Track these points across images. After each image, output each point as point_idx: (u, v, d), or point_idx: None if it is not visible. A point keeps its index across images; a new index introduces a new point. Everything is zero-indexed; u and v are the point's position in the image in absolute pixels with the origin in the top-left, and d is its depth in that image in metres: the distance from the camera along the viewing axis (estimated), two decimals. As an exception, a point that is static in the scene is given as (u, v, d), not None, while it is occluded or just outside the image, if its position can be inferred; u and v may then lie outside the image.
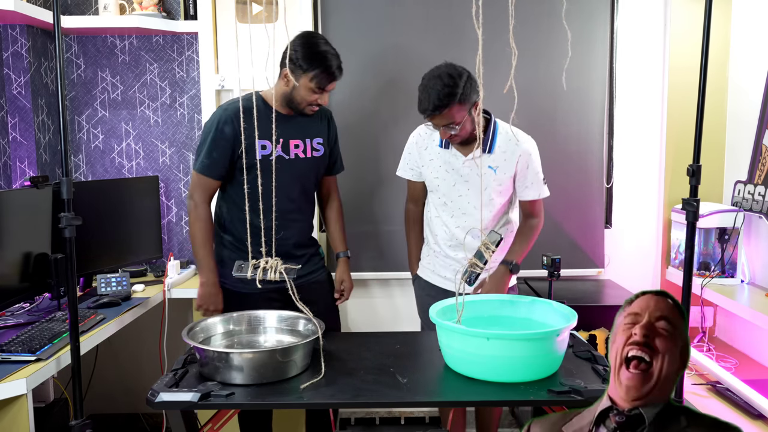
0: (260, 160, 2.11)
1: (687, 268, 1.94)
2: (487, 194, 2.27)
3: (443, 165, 2.30)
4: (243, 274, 1.82)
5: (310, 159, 2.29)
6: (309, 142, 2.29)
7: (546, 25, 2.80)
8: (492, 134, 2.26)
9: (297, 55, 2.13)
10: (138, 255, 2.89)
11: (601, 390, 1.62)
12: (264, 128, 2.11)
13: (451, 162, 2.29)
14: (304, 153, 2.28)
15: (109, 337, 2.33)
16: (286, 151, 2.25)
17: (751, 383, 2.30)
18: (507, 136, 2.26)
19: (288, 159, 2.25)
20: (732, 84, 2.89)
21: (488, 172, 2.25)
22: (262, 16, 2.88)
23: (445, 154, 2.30)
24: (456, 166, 2.28)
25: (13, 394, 1.75)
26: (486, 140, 2.25)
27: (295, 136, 2.26)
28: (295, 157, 2.26)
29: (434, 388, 1.73)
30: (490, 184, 2.25)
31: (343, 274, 2.45)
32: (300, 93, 2.17)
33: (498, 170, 2.26)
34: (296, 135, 2.26)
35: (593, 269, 3.04)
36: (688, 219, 1.92)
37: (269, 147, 2.18)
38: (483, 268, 1.87)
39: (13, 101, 2.73)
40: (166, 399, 1.60)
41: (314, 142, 2.31)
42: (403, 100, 2.92)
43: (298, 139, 2.27)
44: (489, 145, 2.25)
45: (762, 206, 2.53)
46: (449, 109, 2.08)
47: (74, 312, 1.82)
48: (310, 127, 2.30)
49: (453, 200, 2.31)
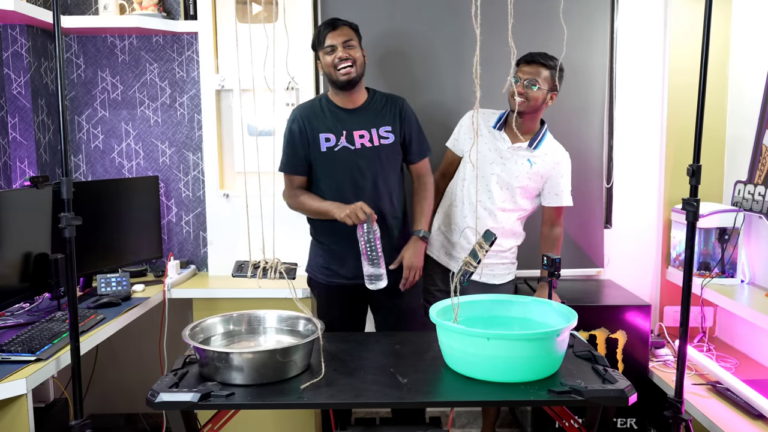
0: (324, 152, 2.31)
1: (687, 268, 1.94)
2: (518, 181, 2.47)
3: (489, 143, 2.50)
4: (243, 274, 1.82)
5: (378, 147, 2.34)
6: (375, 131, 2.35)
7: (546, 24, 2.80)
8: (541, 135, 2.49)
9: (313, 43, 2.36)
10: (138, 255, 2.89)
11: (601, 390, 1.62)
12: (327, 122, 2.33)
13: (497, 143, 2.49)
14: (370, 142, 2.34)
15: (109, 337, 2.33)
16: (351, 141, 2.32)
17: (751, 383, 2.30)
18: (553, 143, 2.52)
19: (354, 149, 2.32)
20: (732, 84, 2.89)
21: (525, 164, 2.47)
22: (262, 16, 2.88)
23: (495, 135, 2.50)
24: (500, 148, 2.48)
25: (13, 394, 1.75)
26: (535, 137, 2.48)
27: (359, 127, 2.34)
28: (361, 147, 2.33)
29: (434, 388, 1.73)
30: (522, 172, 2.46)
31: (407, 251, 2.34)
32: (324, 65, 2.31)
33: (534, 166, 2.47)
34: (361, 126, 2.34)
35: (593, 269, 3.04)
36: (688, 219, 1.92)
37: (333, 139, 2.31)
38: (477, 266, 1.87)
39: (13, 101, 2.73)
40: (166, 399, 1.60)
41: (381, 130, 2.36)
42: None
43: (363, 129, 2.34)
44: (536, 142, 2.47)
45: (762, 206, 2.53)
46: (543, 67, 2.37)
47: (74, 312, 1.82)
48: (375, 117, 2.37)
49: (485, 176, 2.48)
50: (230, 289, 2.72)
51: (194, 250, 3.13)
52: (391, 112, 2.39)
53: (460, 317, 1.84)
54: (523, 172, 2.46)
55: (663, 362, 2.72)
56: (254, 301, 2.58)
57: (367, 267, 2.22)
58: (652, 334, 2.84)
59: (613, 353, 2.66)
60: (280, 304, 2.39)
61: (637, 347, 2.66)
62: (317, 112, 2.36)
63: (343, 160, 2.32)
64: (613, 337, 2.66)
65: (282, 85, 2.87)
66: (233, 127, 2.96)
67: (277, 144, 2.87)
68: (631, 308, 2.65)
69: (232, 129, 2.96)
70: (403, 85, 2.92)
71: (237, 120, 2.93)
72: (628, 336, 2.66)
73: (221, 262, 2.97)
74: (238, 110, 2.91)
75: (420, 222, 2.40)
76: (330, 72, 2.30)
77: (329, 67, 2.29)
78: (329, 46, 2.27)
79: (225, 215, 2.95)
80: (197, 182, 3.09)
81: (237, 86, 2.86)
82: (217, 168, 2.94)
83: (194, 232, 3.12)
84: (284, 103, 2.90)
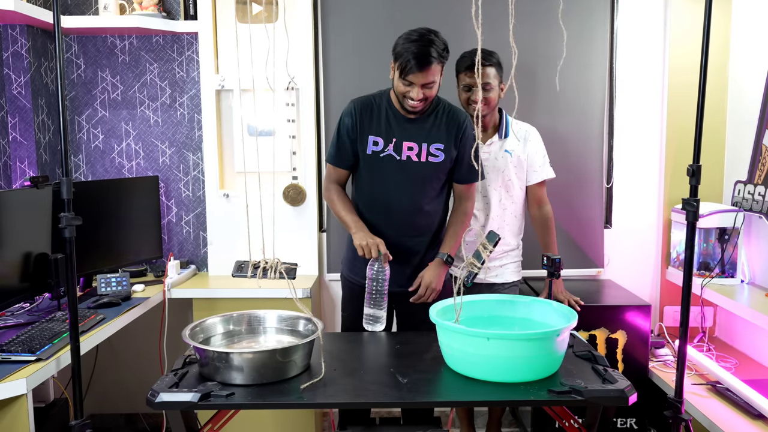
0: (369, 154, 2.21)
1: (687, 268, 1.94)
2: (507, 175, 2.49)
3: None
4: (243, 274, 1.82)
5: (425, 163, 2.21)
6: (426, 146, 2.20)
7: (545, 24, 2.80)
8: (505, 123, 2.51)
9: (395, 45, 2.11)
10: (138, 255, 2.89)
11: (601, 390, 1.62)
12: (381, 124, 2.21)
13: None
14: (417, 157, 2.20)
15: (109, 337, 2.33)
16: (398, 151, 2.20)
17: (751, 383, 2.30)
18: (517, 125, 2.54)
19: (399, 160, 2.21)
20: (732, 84, 2.89)
21: (505, 156, 2.49)
22: (262, 16, 2.87)
23: None
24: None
25: (13, 394, 1.75)
26: (501, 127, 2.51)
27: (410, 139, 2.20)
28: (407, 159, 2.20)
29: (434, 388, 1.73)
30: (507, 166, 2.49)
31: (428, 272, 2.23)
32: (395, 84, 2.14)
33: (513, 153, 2.49)
34: (412, 138, 2.20)
35: (593, 269, 3.04)
36: (688, 219, 1.92)
37: (381, 143, 2.21)
38: (480, 267, 1.88)
39: (13, 101, 2.73)
40: (166, 399, 1.60)
41: (432, 147, 2.21)
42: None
43: (413, 141, 2.20)
44: (504, 130, 2.50)
45: (762, 206, 2.53)
46: (488, 66, 2.36)
47: (74, 312, 1.82)
48: (430, 131, 2.21)
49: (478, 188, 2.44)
50: (230, 289, 2.72)
51: (194, 250, 3.13)
52: (448, 129, 2.22)
53: (461, 317, 1.84)
54: (508, 164, 2.49)
55: (663, 362, 2.72)
56: (254, 301, 2.58)
57: (368, 307, 2.12)
58: (652, 334, 2.84)
59: (613, 353, 2.66)
60: (280, 304, 2.39)
61: (637, 347, 2.66)
62: (374, 111, 2.22)
63: (385, 169, 2.21)
64: (613, 337, 2.66)
65: (282, 85, 2.87)
66: (233, 127, 2.96)
67: (278, 144, 2.88)
68: (631, 308, 2.65)
69: (232, 129, 2.96)
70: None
71: (237, 120, 2.93)
72: (628, 336, 2.66)
73: (221, 262, 2.97)
74: (238, 110, 2.91)
75: (448, 245, 2.27)
76: (398, 93, 2.14)
77: (399, 92, 2.13)
78: (406, 79, 2.07)
79: (225, 215, 2.95)
80: (197, 182, 3.09)
81: (237, 86, 2.86)
82: (217, 168, 2.95)
83: (194, 232, 3.12)
84: (284, 103, 2.90)
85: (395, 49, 2.11)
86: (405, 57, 2.04)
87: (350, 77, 2.96)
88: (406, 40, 2.07)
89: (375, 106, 2.24)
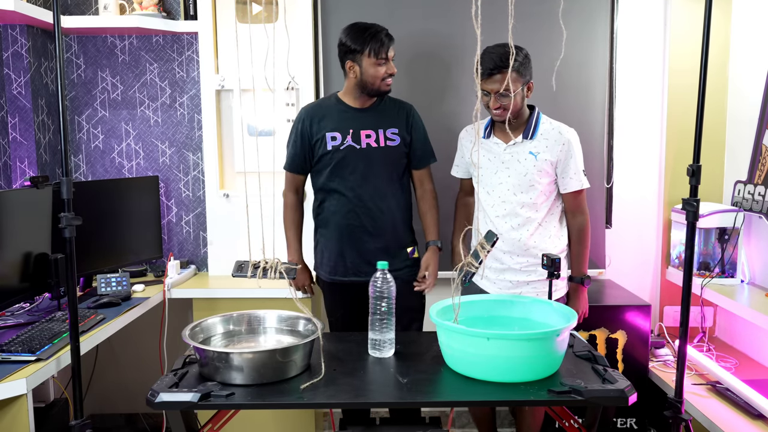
0: (330, 150, 2.32)
1: (687, 268, 1.94)
2: (528, 179, 2.29)
3: (486, 154, 2.36)
4: (243, 274, 1.82)
5: (384, 148, 2.34)
6: (382, 132, 2.35)
7: (546, 24, 2.80)
8: (535, 122, 2.32)
9: (348, 43, 2.27)
10: (138, 255, 2.89)
11: (601, 390, 1.62)
12: (335, 121, 2.33)
13: (493, 149, 2.35)
14: (376, 142, 2.34)
15: (109, 337, 2.33)
16: (357, 140, 2.32)
17: (751, 383, 2.30)
18: (550, 125, 2.33)
19: (359, 149, 2.32)
20: (732, 84, 2.89)
21: (529, 158, 2.30)
22: (262, 16, 2.87)
23: (488, 143, 2.36)
24: (497, 153, 2.33)
25: (13, 394, 1.75)
26: (528, 127, 2.31)
27: (366, 127, 2.34)
28: (367, 146, 2.33)
29: (434, 388, 1.73)
30: (530, 169, 2.29)
31: (429, 259, 2.40)
32: (369, 73, 2.27)
33: (539, 156, 2.29)
34: (368, 126, 2.34)
35: (594, 269, 3.04)
36: (688, 219, 1.92)
37: (339, 138, 2.31)
38: (478, 267, 1.87)
39: (13, 101, 2.73)
40: (166, 399, 1.60)
41: (388, 132, 2.36)
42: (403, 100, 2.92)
43: (369, 129, 2.34)
44: (531, 131, 2.31)
45: (762, 206, 2.53)
46: (506, 70, 2.14)
47: (74, 312, 1.82)
48: (383, 118, 2.37)
49: (494, 188, 2.34)
50: (230, 289, 2.72)
51: (194, 250, 3.13)
52: (399, 115, 2.39)
53: (460, 317, 1.84)
54: (530, 167, 2.28)
55: (663, 362, 2.72)
56: (254, 301, 2.58)
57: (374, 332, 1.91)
58: (652, 334, 2.85)
59: (613, 353, 2.66)
60: (280, 304, 2.40)
61: (637, 347, 2.66)
62: (325, 111, 2.36)
63: (347, 161, 2.33)
64: (613, 337, 2.66)
65: (282, 85, 2.87)
66: (233, 127, 2.96)
67: (278, 144, 2.87)
68: (631, 308, 2.65)
69: (232, 129, 2.96)
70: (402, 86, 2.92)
71: (237, 120, 2.93)
72: (628, 336, 2.66)
73: (221, 262, 2.97)
74: (238, 110, 2.91)
75: (433, 232, 2.44)
76: (373, 81, 2.28)
77: (375, 78, 2.27)
78: (383, 58, 2.26)
79: (225, 215, 2.95)
80: (197, 182, 3.09)
81: (237, 86, 2.86)
82: (217, 168, 2.94)
83: (194, 232, 3.12)
84: (284, 103, 2.90)
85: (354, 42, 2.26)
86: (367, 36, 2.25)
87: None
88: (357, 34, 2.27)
89: (325, 107, 2.39)
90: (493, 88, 2.19)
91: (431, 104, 2.89)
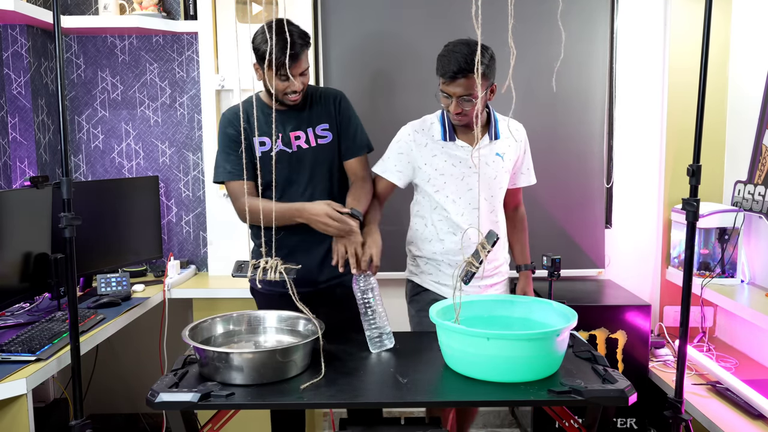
0: (260, 157, 2.08)
1: (687, 268, 1.94)
2: (498, 182, 2.19)
3: (449, 159, 2.16)
4: (243, 274, 1.82)
5: (315, 147, 2.17)
6: (311, 131, 2.17)
7: (546, 24, 2.80)
8: (494, 123, 2.20)
9: (254, 45, 2.05)
10: (138, 255, 2.89)
11: (601, 390, 1.62)
12: (260, 125, 2.10)
13: (458, 154, 2.16)
14: (307, 143, 2.17)
15: (109, 337, 2.33)
16: (288, 144, 2.15)
17: (751, 383, 2.30)
18: (504, 123, 2.21)
19: (291, 152, 2.15)
20: (732, 84, 2.89)
21: (497, 159, 2.17)
22: (262, 16, 2.88)
23: (451, 147, 2.16)
24: (463, 157, 2.15)
25: (13, 394, 1.75)
26: (491, 127, 2.19)
27: (295, 128, 2.16)
28: (298, 149, 2.16)
29: (434, 388, 1.73)
30: (499, 171, 2.18)
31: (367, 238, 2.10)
32: (270, 83, 2.04)
33: (505, 156, 2.20)
34: (296, 127, 2.16)
35: (593, 269, 3.04)
36: (688, 219, 1.92)
37: (268, 143, 2.12)
38: (478, 267, 1.87)
39: (13, 101, 2.73)
40: (166, 399, 1.60)
41: (318, 129, 2.18)
42: (403, 100, 2.93)
43: (298, 130, 2.16)
44: (494, 132, 2.19)
45: (762, 206, 2.53)
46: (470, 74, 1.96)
47: (74, 312, 1.82)
48: (311, 115, 2.18)
49: (462, 195, 2.17)
50: (230, 289, 2.72)
51: (194, 250, 3.13)
52: (326, 107, 2.20)
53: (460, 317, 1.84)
54: (499, 169, 2.18)
55: (663, 362, 2.72)
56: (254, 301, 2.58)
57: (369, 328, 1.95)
58: (652, 334, 2.85)
59: (613, 353, 2.66)
60: (280, 304, 2.39)
61: (637, 347, 2.66)
62: (250, 116, 2.11)
63: (280, 168, 2.11)
64: (613, 337, 2.67)
65: (282, 85, 2.86)
66: (233, 127, 2.95)
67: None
68: (631, 308, 2.65)
69: (232, 129, 2.96)
70: (402, 85, 2.93)
71: (237, 120, 2.92)
72: (628, 336, 2.66)
73: (221, 262, 2.97)
74: (238, 110, 2.90)
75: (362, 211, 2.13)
76: (277, 93, 2.07)
77: (277, 90, 2.05)
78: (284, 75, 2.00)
79: (225, 215, 2.95)
80: (197, 182, 3.09)
81: (237, 86, 2.86)
82: (217, 168, 2.94)
83: (194, 232, 3.12)
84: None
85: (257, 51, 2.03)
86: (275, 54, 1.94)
87: (350, 77, 2.96)
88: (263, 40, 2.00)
89: (248, 112, 2.11)
90: (456, 92, 2.02)
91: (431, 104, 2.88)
